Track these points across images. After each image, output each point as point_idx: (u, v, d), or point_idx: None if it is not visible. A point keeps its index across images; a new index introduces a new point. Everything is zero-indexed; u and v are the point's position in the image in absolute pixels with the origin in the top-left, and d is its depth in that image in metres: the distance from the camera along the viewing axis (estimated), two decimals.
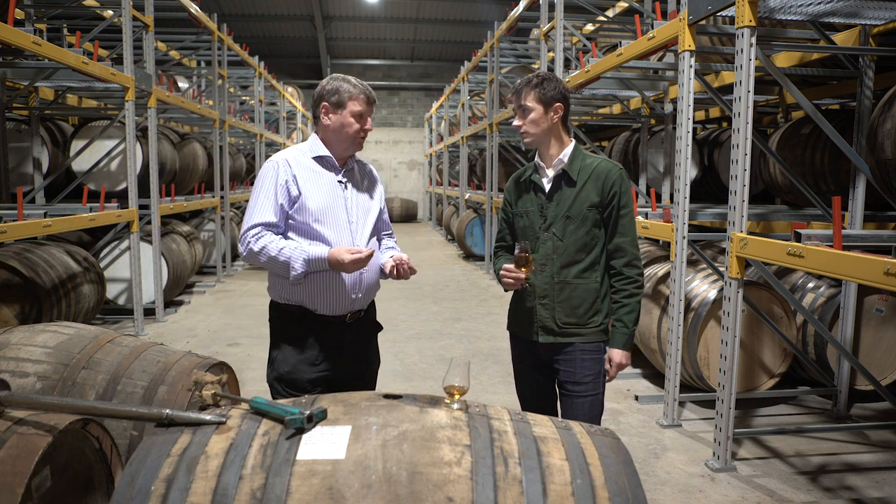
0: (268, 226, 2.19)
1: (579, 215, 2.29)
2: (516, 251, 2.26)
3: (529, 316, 2.38)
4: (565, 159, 2.35)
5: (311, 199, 2.22)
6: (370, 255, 2.13)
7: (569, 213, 2.30)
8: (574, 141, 2.42)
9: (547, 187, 2.37)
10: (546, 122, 2.33)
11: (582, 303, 2.31)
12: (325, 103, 2.27)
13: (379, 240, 2.46)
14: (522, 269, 2.24)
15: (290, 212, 2.22)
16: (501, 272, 2.30)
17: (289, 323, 2.28)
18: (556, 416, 2.43)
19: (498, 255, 2.54)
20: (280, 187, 2.21)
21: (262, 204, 2.21)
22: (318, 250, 2.16)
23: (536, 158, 2.44)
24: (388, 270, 2.31)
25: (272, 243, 2.16)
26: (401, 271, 2.29)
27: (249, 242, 2.17)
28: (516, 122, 2.38)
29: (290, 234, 2.24)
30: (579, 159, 2.35)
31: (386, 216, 2.51)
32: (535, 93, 2.31)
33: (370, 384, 2.47)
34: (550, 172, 2.37)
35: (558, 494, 1.35)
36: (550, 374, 2.42)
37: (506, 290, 2.33)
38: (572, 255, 2.30)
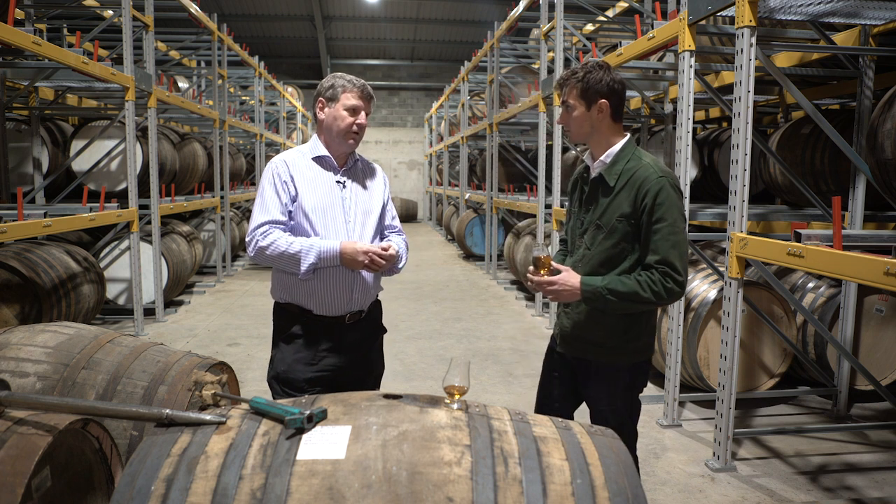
0: (275, 223, 2.20)
1: (608, 225, 2.09)
2: (534, 252, 2.13)
3: (558, 321, 2.33)
4: (607, 161, 2.14)
5: (307, 199, 2.23)
6: (387, 254, 2.14)
7: (599, 221, 2.12)
8: (626, 137, 2.17)
9: (587, 191, 2.21)
10: (589, 121, 2.13)
11: (598, 318, 2.15)
12: (321, 98, 2.29)
13: (382, 238, 2.44)
14: (542, 272, 2.12)
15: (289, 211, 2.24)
16: (527, 273, 2.16)
17: (287, 323, 2.29)
18: (571, 418, 2.40)
19: (559, 251, 2.45)
20: (281, 186, 2.22)
21: (267, 203, 2.22)
22: (330, 244, 2.16)
23: (586, 155, 2.26)
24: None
25: (281, 238, 2.16)
26: (375, 264, 2.17)
27: (257, 240, 2.17)
28: (559, 119, 2.22)
29: None
30: (623, 161, 2.11)
31: (392, 214, 2.48)
32: (578, 88, 2.11)
33: (373, 387, 2.46)
34: (593, 174, 2.19)
35: (558, 494, 1.35)
36: (571, 381, 2.32)
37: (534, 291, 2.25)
38: (595, 268, 2.12)
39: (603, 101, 2.10)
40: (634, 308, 2.10)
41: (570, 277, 2.07)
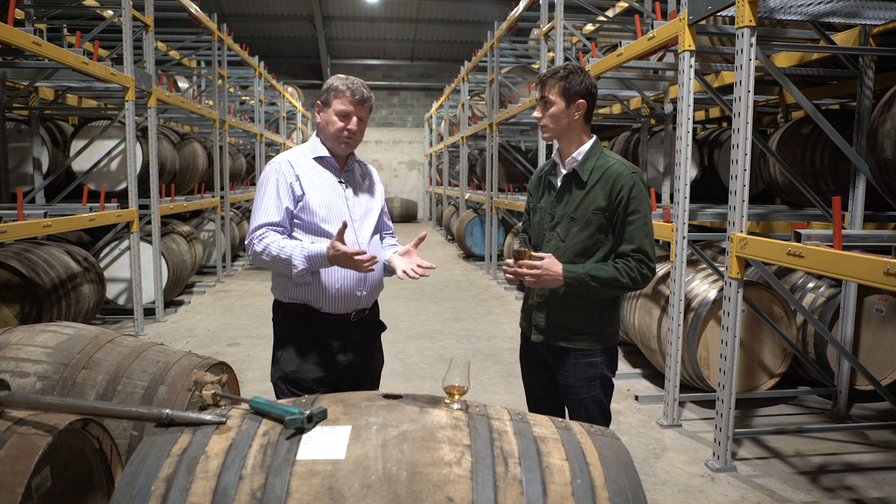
0: (272, 226, 2.19)
1: (583, 218, 2.23)
2: (514, 246, 2.23)
3: (529, 313, 2.39)
4: (579, 158, 2.27)
5: (315, 199, 2.23)
6: (372, 260, 2.08)
7: (574, 214, 2.24)
8: (594, 138, 2.32)
9: (558, 186, 2.32)
10: (567, 118, 2.25)
11: (574, 308, 2.27)
12: (319, 101, 2.31)
13: (381, 238, 2.47)
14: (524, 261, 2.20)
15: (295, 211, 2.23)
16: (503, 267, 2.26)
17: (294, 322, 2.28)
18: (562, 412, 2.43)
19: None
20: (283, 187, 2.21)
21: (266, 205, 2.21)
22: (318, 247, 2.14)
23: (554, 154, 2.38)
24: (399, 274, 2.26)
25: (274, 242, 2.15)
26: (416, 274, 2.22)
27: (254, 244, 2.17)
28: (536, 114, 2.31)
29: (295, 234, 2.24)
30: (594, 159, 2.26)
31: (387, 216, 2.52)
32: (559, 86, 2.22)
33: (374, 384, 2.47)
34: (563, 171, 2.31)
35: (558, 494, 1.35)
36: (549, 372, 2.40)
37: (510, 284, 2.31)
38: (571, 258, 2.24)
39: (581, 100, 2.24)
40: (612, 293, 2.26)
41: (552, 264, 2.17)
